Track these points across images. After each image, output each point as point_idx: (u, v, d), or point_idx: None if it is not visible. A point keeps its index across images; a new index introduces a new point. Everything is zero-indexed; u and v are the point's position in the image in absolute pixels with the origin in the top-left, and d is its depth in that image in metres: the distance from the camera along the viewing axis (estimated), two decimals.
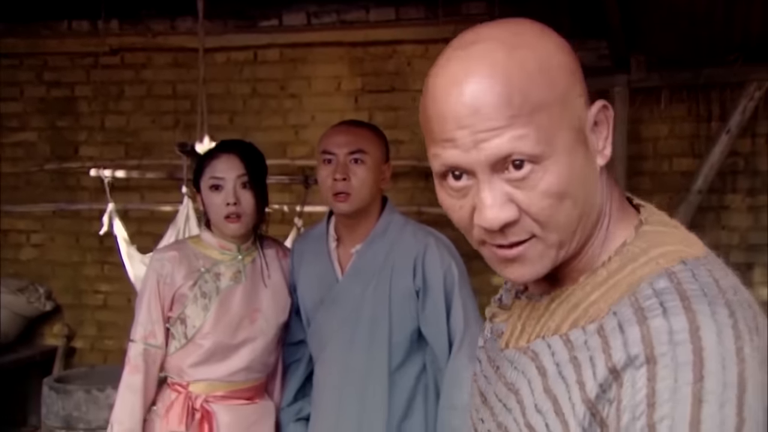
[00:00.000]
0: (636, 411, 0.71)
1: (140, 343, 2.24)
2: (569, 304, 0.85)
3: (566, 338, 0.82)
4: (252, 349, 2.27)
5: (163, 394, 2.30)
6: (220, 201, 2.22)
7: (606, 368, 0.75)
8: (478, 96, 0.79)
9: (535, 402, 0.83)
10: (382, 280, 2.20)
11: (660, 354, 0.72)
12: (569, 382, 0.79)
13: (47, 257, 5.03)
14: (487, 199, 0.80)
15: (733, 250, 4.15)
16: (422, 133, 0.88)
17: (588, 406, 0.76)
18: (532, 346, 0.87)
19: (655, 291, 0.77)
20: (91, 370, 3.90)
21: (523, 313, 0.92)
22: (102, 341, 4.92)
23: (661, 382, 0.71)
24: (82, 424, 3.26)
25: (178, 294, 2.24)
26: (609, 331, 0.77)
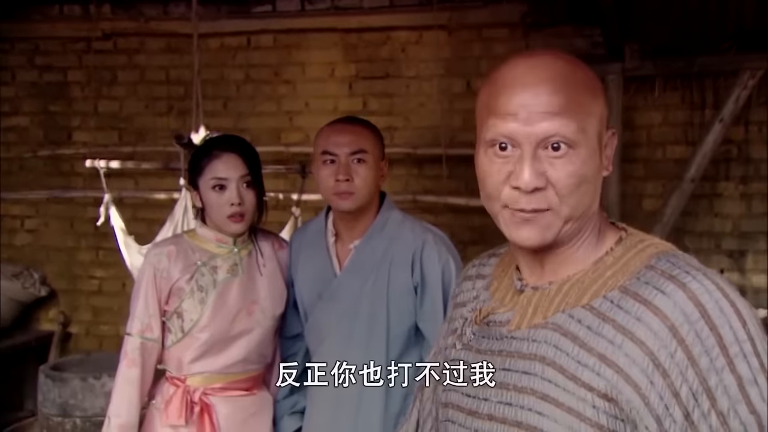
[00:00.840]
0: (712, 354, 0.89)
1: (137, 337, 2.26)
2: (583, 284, 1.02)
3: (589, 306, 0.99)
4: (249, 340, 2.29)
5: (161, 388, 2.32)
6: (224, 201, 2.23)
7: (664, 326, 0.91)
8: (540, 86, 0.99)
9: (575, 359, 0.96)
10: (380, 276, 2.22)
11: (711, 308, 0.90)
12: (616, 340, 0.94)
13: (42, 242, 5.04)
14: (527, 166, 0.99)
15: (725, 238, 4.17)
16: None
17: (651, 358, 0.91)
18: (551, 320, 1.01)
19: (673, 264, 0.96)
20: (86, 357, 3.91)
21: (532, 300, 1.06)
22: (97, 327, 4.94)
23: (722, 328, 0.90)
24: (79, 411, 3.28)
25: (174, 288, 2.26)
26: (647, 294, 0.94)
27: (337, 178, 2.17)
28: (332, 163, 2.19)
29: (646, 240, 1.04)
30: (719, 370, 0.88)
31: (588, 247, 1.05)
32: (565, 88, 0.99)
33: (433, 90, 4.34)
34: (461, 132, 4.24)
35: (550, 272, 1.06)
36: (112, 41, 4.81)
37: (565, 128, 0.98)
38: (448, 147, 4.11)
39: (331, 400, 2.25)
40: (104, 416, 3.22)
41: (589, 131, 1.00)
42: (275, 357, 2.46)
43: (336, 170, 2.18)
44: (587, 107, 1.00)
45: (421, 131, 4.35)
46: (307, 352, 2.40)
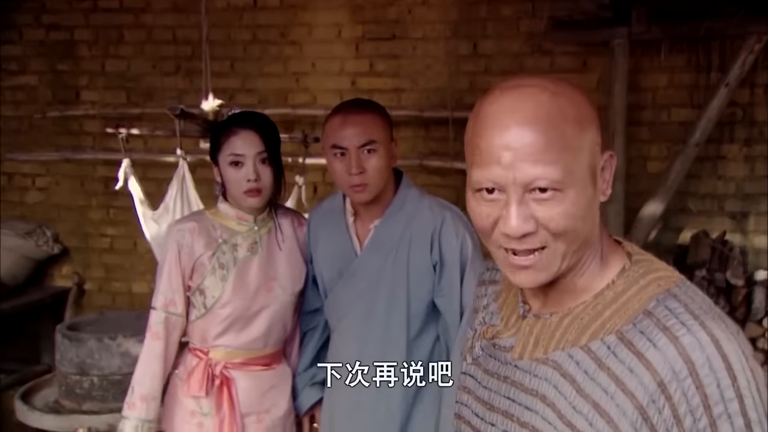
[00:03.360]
0: (696, 414, 0.89)
1: (161, 311, 2.33)
2: (583, 320, 1.01)
3: (587, 348, 0.98)
4: (269, 317, 2.37)
5: (185, 359, 2.41)
6: (240, 177, 2.28)
7: (654, 381, 0.91)
8: (523, 128, 0.96)
9: (572, 404, 0.97)
10: (400, 254, 2.28)
11: (700, 366, 0.90)
12: (609, 389, 0.95)
13: (53, 201, 5.11)
14: (513, 212, 0.97)
15: (728, 199, 4.22)
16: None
17: (640, 412, 0.92)
18: (552, 357, 1.01)
19: (670, 311, 0.95)
20: (100, 316, 4.01)
21: (534, 329, 1.05)
22: (109, 283, 5.04)
23: (708, 387, 0.89)
24: (95, 370, 3.38)
25: (197, 264, 2.32)
26: (639, 345, 0.94)
27: (350, 171, 2.20)
28: (342, 156, 2.21)
29: (649, 273, 1.01)
30: (701, 430, 0.89)
31: (590, 276, 1.03)
32: (549, 128, 0.96)
33: (440, 52, 4.35)
34: (468, 94, 4.26)
35: (551, 301, 1.05)
36: (118, 0, 4.81)
37: (551, 173, 0.95)
38: (454, 109, 4.14)
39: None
40: (120, 374, 3.36)
41: (578, 170, 0.97)
42: (295, 331, 2.54)
43: (348, 164, 2.20)
44: (575, 143, 0.97)
45: (427, 93, 4.38)
46: (326, 326, 2.48)
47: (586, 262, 1.03)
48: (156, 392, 2.32)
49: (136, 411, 2.30)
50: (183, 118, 3.45)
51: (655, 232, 4.18)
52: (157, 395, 2.33)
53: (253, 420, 2.37)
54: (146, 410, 2.30)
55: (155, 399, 2.32)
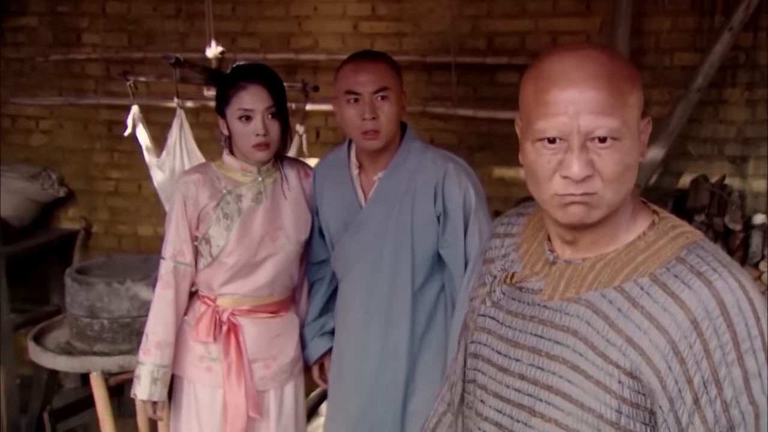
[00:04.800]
0: (725, 348, 1.00)
1: (170, 261, 2.40)
2: (615, 265, 1.11)
3: (620, 289, 1.08)
4: (274, 265, 2.43)
5: (193, 306, 2.48)
6: (249, 131, 2.32)
7: (687, 319, 1.01)
8: (587, 82, 1.07)
9: (605, 337, 1.07)
10: (404, 206, 2.33)
11: (731, 307, 1.01)
12: (643, 326, 1.04)
13: (57, 144, 5.13)
14: (576, 158, 1.07)
15: (729, 143, 4.23)
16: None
17: (672, 346, 1.02)
18: (584, 296, 1.11)
19: (702, 258, 1.06)
20: (108, 259, 4.08)
21: (564, 273, 1.15)
22: (115, 226, 5.10)
23: (738, 326, 1.00)
24: (105, 313, 3.46)
25: (202, 214, 2.38)
26: (674, 286, 1.04)
27: (363, 117, 2.24)
28: (356, 102, 2.25)
29: (677, 227, 1.12)
30: (729, 364, 1.00)
31: (621, 228, 1.13)
32: (609, 84, 1.07)
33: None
34: (470, 39, 4.24)
35: (583, 248, 1.15)
36: None
37: (611, 123, 1.07)
38: (457, 54, 4.12)
39: (360, 323, 2.41)
40: (129, 317, 3.45)
41: (630, 122, 1.09)
42: (303, 281, 2.60)
43: (361, 109, 2.24)
44: (628, 100, 1.09)
45: (430, 37, 4.35)
46: (333, 277, 2.54)
47: (619, 215, 1.13)
48: (169, 338, 2.40)
49: (151, 357, 2.39)
50: (179, 66, 3.45)
51: (655, 177, 4.21)
52: (171, 341, 2.41)
53: (261, 366, 2.46)
54: (161, 356, 2.39)
55: (169, 345, 2.41)
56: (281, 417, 2.52)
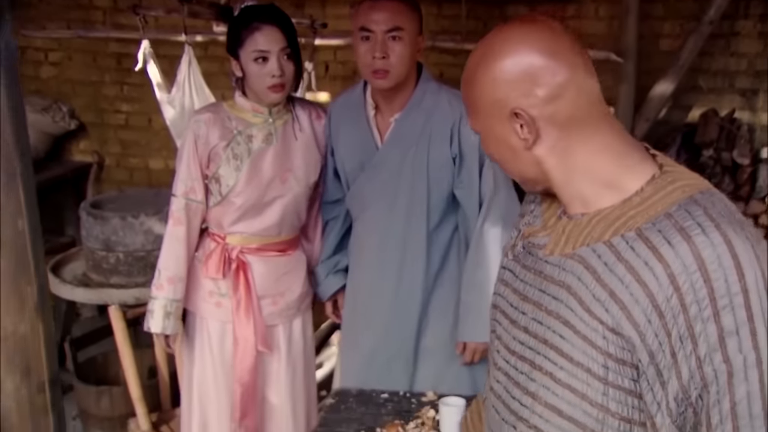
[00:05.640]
0: (701, 304, 0.97)
1: (182, 198, 2.45)
2: (608, 220, 1.09)
3: (609, 243, 1.07)
4: (282, 206, 2.48)
5: (203, 243, 2.54)
6: (265, 72, 2.33)
7: (665, 273, 1.00)
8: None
9: (592, 292, 1.06)
10: (420, 148, 2.36)
11: (709, 262, 0.98)
12: (625, 280, 1.03)
13: (66, 76, 5.14)
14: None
15: (739, 76, 4.21)
16: None
17: (650, 300, 1.00)
18: (578, 252, 1.10)
19: (689, 213, 1.03)
20: (121, 194, 4.14)
21: (566, 229, 1.14)
22: (126, 159, 5.15)
23: (716, 282, 0.97)
24: (121, 246, 3.53)
25: (212, 153, 2.42)
26: (656, 241, 1.02)
27: (374, 55, 2.24)
28: (368, 39, 2.25)
29: (676, 181, 1.08)
30: (705, 320, 0.97)
31: (622, 186, 1.10)
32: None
33: None
34: None
35: (583, 205, 1.13)
36: None
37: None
38: None
39: (375, 262, 2.46)
40: (144, 251, 3.52)
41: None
42: (317, 220, 2.65)
43: (372, 47, 2.24)
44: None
45: None
46: (347, 215, 2.58)
47: (619, 177, 1.11)
48: (181, 274, 2.47)
49: (163, 292, 2.46)
50: (187, 1, 3.44)
51: (665, 111, 4.21)
52: (183, 276, 2.48)
53: (269, 302, 2.53)
54: (173, 291, 2.47)
55: (181, 280, 2.48)
56: (290, 351, 2.61)
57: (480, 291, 2.38)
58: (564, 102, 1.09)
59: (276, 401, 2.59)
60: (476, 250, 2.39)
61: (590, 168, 1.11)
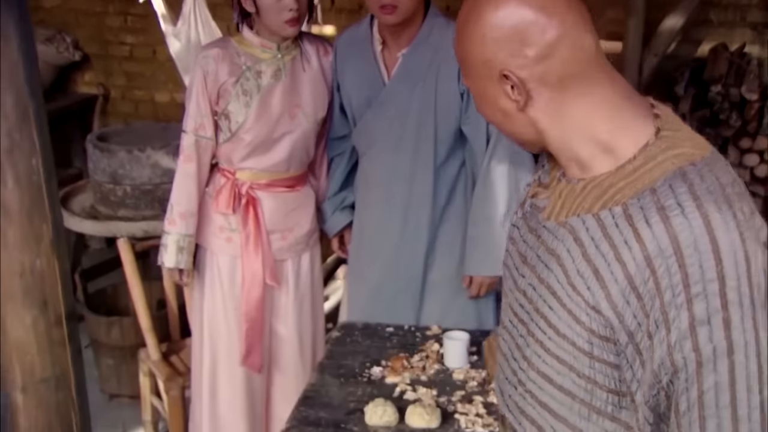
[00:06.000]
0: (675, 290, 0.94)
1: (191, 135, 2.46)
2: (601, 188, 1.05)
3: (597, 217, 1.03)
4: (291, 141, 2.49)
5: (214, 178, 2.56)
6: (282, 6, 2.32)
7: (642, 254, 0.97)
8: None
9: (576, 267, 1.04)
10: (428, 83, 2.35)
11: (685, 246, 0.94)
12: (608, 256, 1.00)
13: (69, 5, 5.07)
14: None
15: (751, 10, 4.15)
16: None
17: (629, 281, 0.98)
18: (569, 221, 1.07)
19: (672, 190, 0.98)
20: (127, 127, 4.15)
21: (562, 193, 1.11)
22: (132, 91, 5.13)
23: (690, 267, 0.94)
24: (128, 180, 3.55)
25: (222, 90, 2.42)
26: (636, 219, 0.98)
27: None
28: None
29: (670, 149, 1.02)
30: (678, 306, 0.94)
31: (619, 150, 1.05)
32: None
33: None
34: None
35: (579, 170, 1.09)
36: None
37: None
38: None
39: (382, 198, 2.49)
40: (151, 185, 3.55)
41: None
42: (323, 157, 2.66)
43: None
44: None
45: None
46: (353, 152, 2.60)
47: (617, 141, 1.05)
48: (193, 209, 2.50)
49: (176, 227, 2.50)
50: None
51: (674, 45, 4.16)
52: (194, 212, 2.51)
53: (278, 237, 2.57)
54: (185, 226, 2.50)
55: (193, 215, 2.51)
56: (299, 285, 2.65)
57: (486, 225, 2.41)
58: (555, 61, 1.03)
59: (284, 332, 2.65)
60: (483, 185, 2.41)
61: (586, 129, 1.06)
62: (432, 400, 2.03)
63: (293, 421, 1.96)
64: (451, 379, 2.16)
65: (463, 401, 2.04)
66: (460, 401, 2.04)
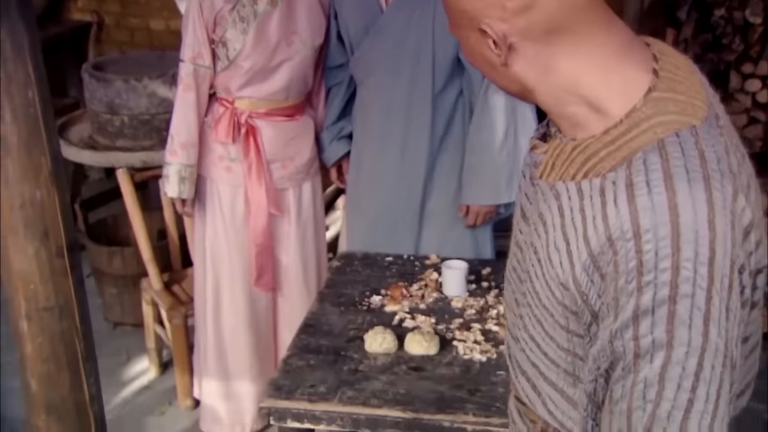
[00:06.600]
0: (629, 276, 0.88)
1: (189, 64, 2.45)
2: (585, 155, 0.97)
3: (579, 187, 0.96)
4: (289, 70, 2.47)
5: (212, 108, 2.55)
6: None
7: (605, 235, 0.91)
8: None
9: (555, 238, 0.98)
10: (426, 10, 2.32)
11: (644, 231, 0.88)
12: (578, 232, 0.94)
13: None
14: None
15: None
16: None
17: (592, 260, 0.92)
18: (557, 186, 1.00)
19: (645, 166, 0.91)
20: (123, 55, 4.10)
21: (556, 151, 1.03)
22: (126, 19, 5.04)
23: (646, 254, 0.87)
24: (125, 110, 3.53)
25: (218, 17, 2.39)
26: (607, 196, 0.92)
27: None
28: None
29: (656, 116, 0.94)
30: (629, 294, 0.88)
31: (609, 109, 0.97)
32: None
33: None
34: None
35: (571, 129, 1.02)
36: None
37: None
38: None
39: (380, 127, 2.48)
40: (148, 114, 3.53)
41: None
42: (320, 86, 2.64)
43: None
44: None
45: None
46: (351, 81, 2.58)
47: (603, 96, 0.97)
48: (193, 139, 2.50)
49: (177, 157, 2.50)
50: None
51: None
52: (195, 142, 2.51)
53: (278, 166, 2.57)
54: (186, 156, 2.51)
55: (194, 145, 2.51)
56: (301, 213, 2.67)
57: (483, 154, 2.41)
58: (539, 12, 0.94)
59: (287, 261, 2.68)
60: (481, 114, 2.40)
61: (575, 87, 0.97)
62: (430, 328, 2.06)
63: (294, 348, 2.00)
64: (449, 307, 2.19)
65: (461, 329, 2.07)
66: (458, 329, 2.07)
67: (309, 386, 1.83)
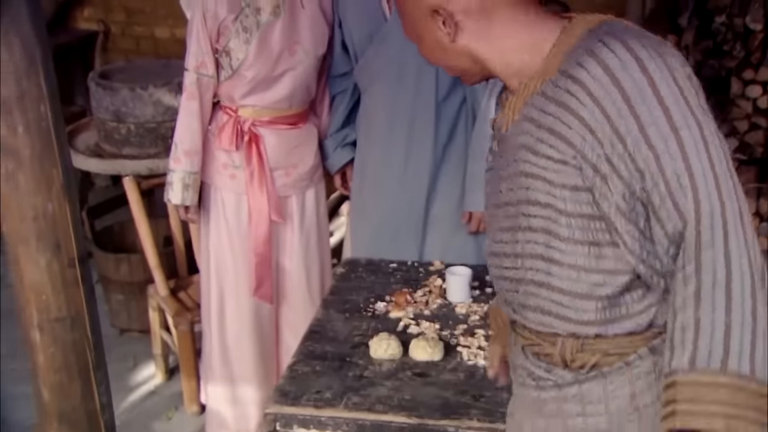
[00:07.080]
0: (618, 105, 1.07)
1: (193, 73, 2.48)
2: (538, 74, 1.18)
3: (540, 92, 1.16)
4: (292, 79, 2.50)
5: (216, 116, 2.59)
6: None
7: (583, 91, 1.10)
8: None
9: (536, 138, 1.16)
10: None
11: (614, 67, 1.08)
12: (557, 113, 1.12)
13: None
14: None
15: None
16: None
17: (579, 120, 1.11)
18: (523, 112, 1.19)
19: (594, 36, 1.12)
20: (129, 64, 4.14)
21: (510, 103, 1.24)
22: (132, 27, 5.08)
23: (624, 82, 1.08)
24: (131, 118, 3.57)
25: (222, 27, 2.42)
26: (570, 69, 1.11)
27: None
28: None
29: (582, 20, 1.18)
30: (625, 117, 1.08)
31: (541, 47, 1.19)
32: None
33: None
34: None
35: (517, 77, 1.22)
36: None
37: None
38: None
39: (384, 134, 2.51)
40: (155, 122, 3.57)
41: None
42: (324, 94, 2.67)
43: None
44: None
45: None
46: (355, 89, 2.60)
47: (538, 31, 1.19)
48: (197, 147, 2.54)
49: (181, 164, 2.54)
50: None
51: None
52: (199, 149, 2.54)
53: (282, 173, 2.60)
54: (190, 163, 2.54)
55: (197, 153, 2.54)
56: (304, 220, 2.70)
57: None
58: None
59: (290, 267, 2.71)
60: (483, 121, 2.43)
61: (516, 42, 1.19)
62: (435, 334, 2.09)
63: (300, 355, 2.02)
64: (453, 313, 2.21)
65: (465, 335, 2.10)
66: (462, 335, 2.10)
67: (315, 392, 1.86)
